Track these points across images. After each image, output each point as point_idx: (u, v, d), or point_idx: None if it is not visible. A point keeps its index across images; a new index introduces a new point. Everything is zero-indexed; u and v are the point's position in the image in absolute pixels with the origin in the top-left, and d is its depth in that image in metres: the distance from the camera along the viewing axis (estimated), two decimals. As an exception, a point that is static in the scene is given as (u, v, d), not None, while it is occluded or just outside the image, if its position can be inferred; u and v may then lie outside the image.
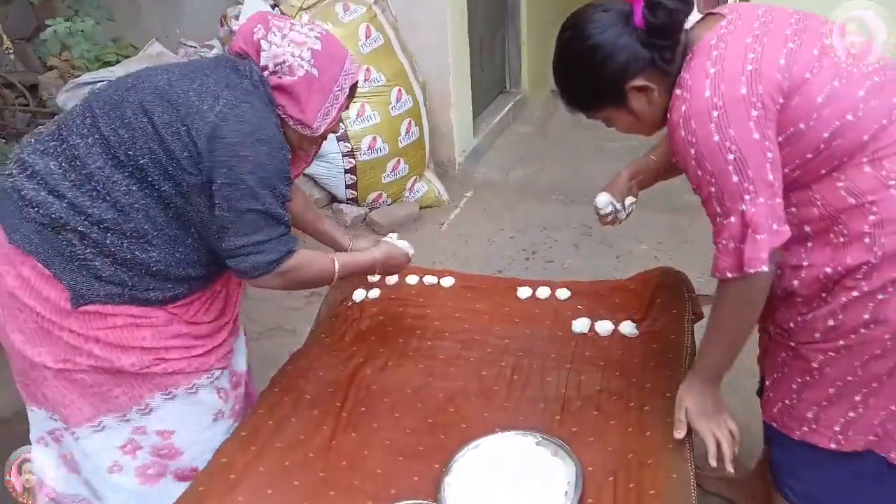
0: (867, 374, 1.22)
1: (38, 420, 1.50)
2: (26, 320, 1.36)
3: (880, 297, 1.16)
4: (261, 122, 1.34)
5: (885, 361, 1.20)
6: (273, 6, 3.23)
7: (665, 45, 1.20)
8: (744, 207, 1.14)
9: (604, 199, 1.62)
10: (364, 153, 3.28)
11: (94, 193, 1.32)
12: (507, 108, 4.41)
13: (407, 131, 3.37)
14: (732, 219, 1.16)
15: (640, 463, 1.27)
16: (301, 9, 3.21)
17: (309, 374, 1.61)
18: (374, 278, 1.84)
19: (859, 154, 1.14)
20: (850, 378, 1.23)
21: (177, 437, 1.48)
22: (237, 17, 3.21)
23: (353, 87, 1.47)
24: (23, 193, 1.33)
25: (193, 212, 1.36)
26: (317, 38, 1.41)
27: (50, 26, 2.54)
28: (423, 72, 3.52)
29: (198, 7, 4.01)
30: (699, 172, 1.17)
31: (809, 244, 1.22)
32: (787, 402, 1.33)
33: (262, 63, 1.38)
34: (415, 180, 3.52)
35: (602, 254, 3.08)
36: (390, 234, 1.75)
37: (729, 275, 1.19)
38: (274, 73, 1.38)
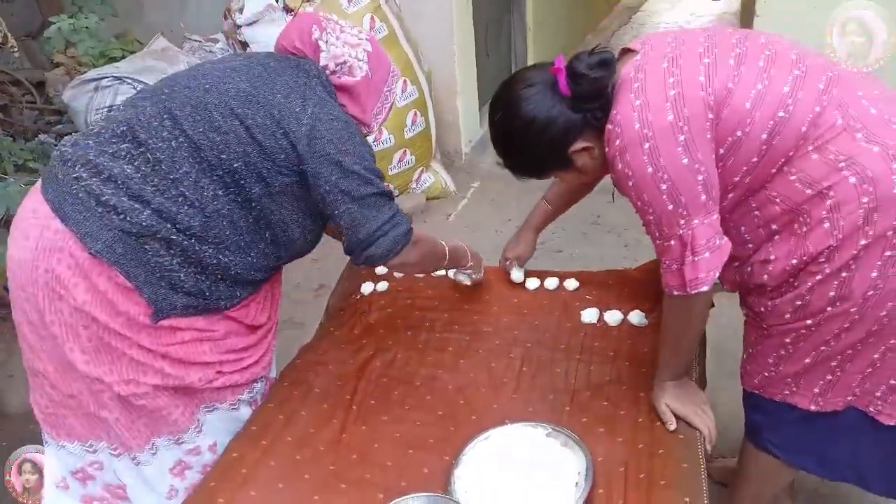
0: (840, 344, 1.26)
1: (67, 457, 1.46)
2: (90, 337, 1.30)
3: (844, 275, 1.19)
4: (346, 116, 1.40)
5: (855, 332, 1.24)
6: (277, -1, 3.22)
7: (594, 107, 1.24)
8: (681, 232, 1.20)
9: (518, 276, 1.84)
10: (371, 144, 3.28)
11: (181, 199, 1.29)
12: (513, 97, 4.39)
13: (413, 122, 3.36)
14: (672, 242, 1.22)
15: (651, 453, 1.27)
16: (305, 1, 3.19)
17: (318, 367, 1.62)
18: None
19: (803, 145, 1.17)
20: (823, 349, 1.28)
21: (218, 449, 1.49)
22: (241, 11, 3.21)
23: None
24: (103, 199, 1.26)
25: (277, 211, 1.38)
26: (367, 40, 1.47)
27: (54, 23, 2.54)
28: (428, 61, 3.50)
29: (200, 2, 4.00)
30: (638, 203, 1.23)
31: (776, 238, 1.26)
32: (765, 374, 1.39)
33: (322, 63, 1.42)
34: (421, 171, 3.51)
35: (610, 243, 3.07)
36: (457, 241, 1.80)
37: (675, 293, 1.26)
38: (334, 72, 1.42)
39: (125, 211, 1.27)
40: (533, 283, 1.83)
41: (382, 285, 1.88)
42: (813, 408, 1.35)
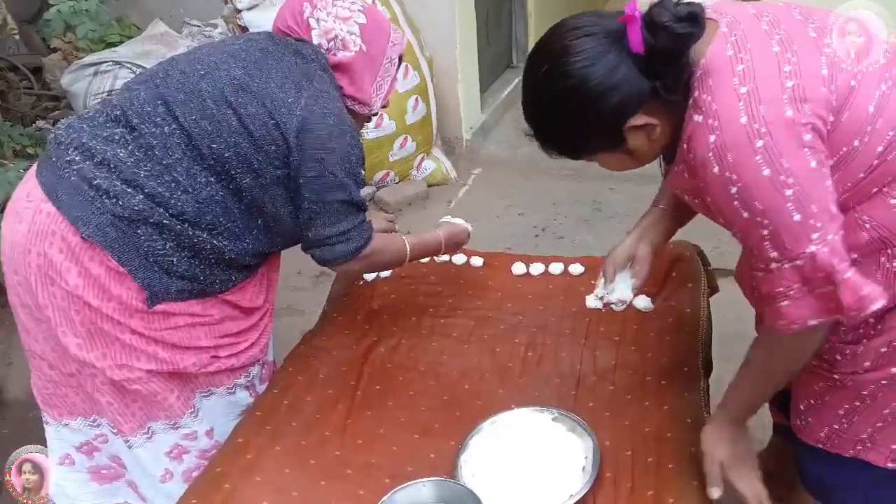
0: None
1: (70, 434, 1.47)
2: (83, 322, 1.30)
3: None
4: (341, 111, 1.36)
5: None
6: (276, -17, 3.18)
7: (670, 72, 0.98)
8: (813, 248, 0.95)
9: (592, 303, 1.42)
10: (370, 131, 3.25)
11: (174, 185, 1.28)
12: (514, 83, 4.36)
13: (414, 108, 3.34)
14: (799, 262, 0.97)
15: (658, 437, 1.26)
16: (304, -15, 3.16)
17: (322, 353, 1.61)
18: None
19: None
20: None
21: (216, 434, 1.49)
22: (240, -5, 3.17)
23: (400, 58, 1.48)
24: (95, 183, 1.25)
25: (269, 202, 1.36)
26: (360, 11, 1.42)
27: (54, 6, 2.51)
28: (430, 47, 3.48)
29: (199, -15, 3.96)
30: (745, 214, 0.96)
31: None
32: (835, 426, 1.18)
33: (316, 41, 1.39)
34: (422, 158, 3.49)
35: (613, 229, 3.06)
36: (446, 217, 1.77)
37: (812, 322, 1.00)
38: (328, 50, 1.39)
39: (117, 195, 1.25)
40: (537, 269, 1.82)
41: (385, 272, 1.87)
42: (890, 465, 1.15)
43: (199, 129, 1.28)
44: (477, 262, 1.88)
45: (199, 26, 3.58)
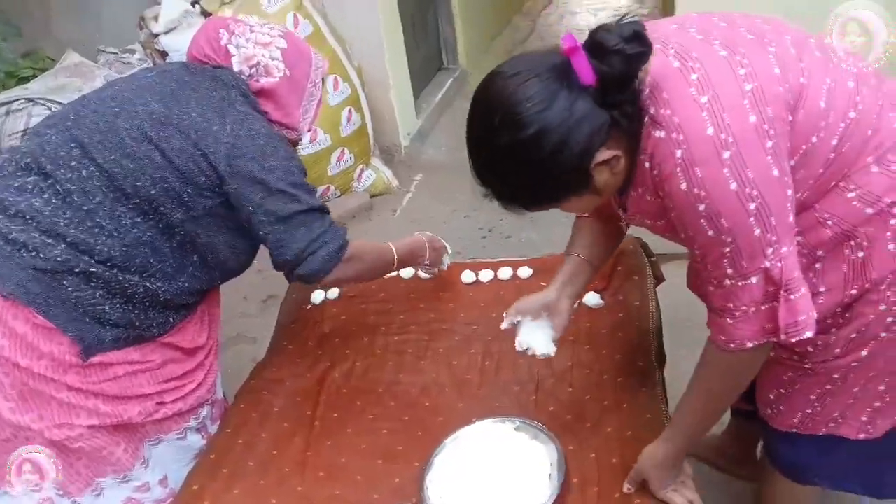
0: (889, 367, 1.11)
1: (12, 502, 1.37)
2: (13, 384, 1.23)
3: None
4: (268, 129, 1.33)
5: None
6: (193, 3, 3.09)
7: (626, 98, 0.92)
8: (767, 264, 0.94)
9: (523, 345, 1.30)
10: (306, 147, 3.19)
11: (98, 230, 1.22)
12: (447, 85, 4.35)
13: (348, 120, 3.29)
14: (753, 280, 0.95)
15: (620, 436, 1.27)
16: (223, 3, 3.08)
17: (275, 385, 1.56)
18: (422, 275, 1.78)
19: (864, 153, 0.99)
20: (872, 374, 1.12)
21: (169, 482, 1.43)
22: (156, 19, 3.06)
23: (323, 80, 1.45)
24: (11, 237, 1.19)
25: (203, 234, 1.31)
26: (280, 36, 1.39)
27: (-48, 46, 2.38)
28: (357, 56, 3.43)
29: (113, 11, 3.81)
30: (710, 232, 0.93)
31: (818, 266, 1.05)
32: (808, 411, 1.19)
33: (236, 68, 1.35)
34: (362, 169, 3.45)
35: (558, 223, 3.04)
36: (418, 233, 1.73)
37: (749, 345, 0.99)
38: (251, 76, 1.35)
39: (37, 247, 1.19)
40: (487, 275, 1.81)
41: (333, 292, 1.83)
42: (862, 436, 1.17)
43: (120, 168, 1.23)
44: (423, 274, 1.85)
45: (115, 53, 3.44)
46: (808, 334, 0.96)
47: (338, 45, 3.29)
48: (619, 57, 0.89)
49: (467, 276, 1.81)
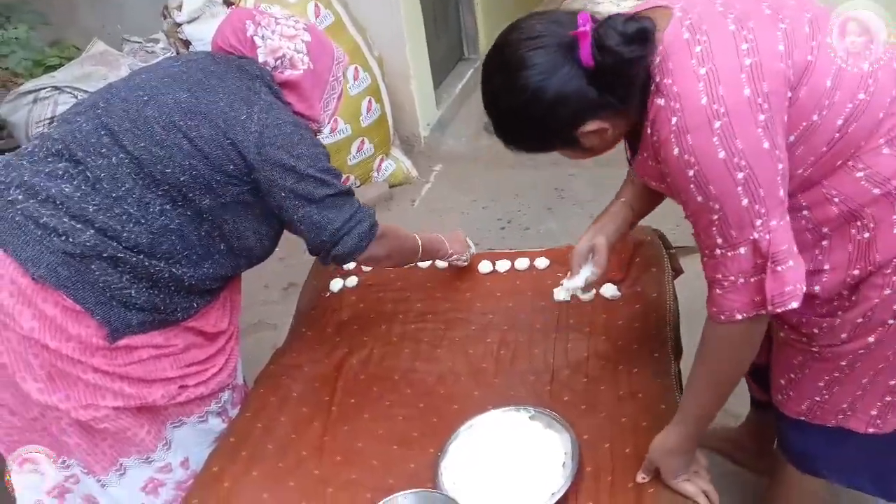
0: None
1: (41, 480, 1.40)
2: (42, 365, 1.25)
3: None
4: (293, 118, 1.35)
5: None
6: (216, -7, 3.11)
7: (620, 86, 0.99)
8: (755, 235, 0.97)
9: (561, 295, 1.42)
10: (327, 136, 3.21)
11: (126, 217, 1.25)
12: (467, 76, 4.34)
13: (368, 110, 3.31)
14: (742, 250, 0.98)
15: (634, 427, 1.27)
16: (245, -7, 3.10)
17: (293, 371, 1.58)
18: (440, 264, 1.79)
19: (875, 135, 1.00)
20: (882, 366, 1.12)
21: (191, 463, 1.46)
22: (179, 8, 3.09)
23: (343, 74, 1.48)
24: (42, 222, 1.21)
25: (230, 221, 1.34)
26: (305, 29, 1.41)
27: (-18, 35, 2.42)
28: (378, 46, 3.44)
29: (137, 1, 3.86)
30: (699, 198, 0.98)
31: (825, 244, 1.07)
32: (816, 398, 1.20)
33: (261, 59, 1.37)
34: (381, 159, 3.46)
35: (576, 215, 3.07)
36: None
37: (738, 316, 1.02)
38: (275, 68, 1.37)
39: (66, 232, 1.22)
40: (504, 265, 1.81)
41: (352, 280, 1.85)
42: (871, 431, 1.18)
43: (149, 155, 1.25)
44: (442, 263, 1.86)
45: (140, 42, 3.48)
46: (794, 304, 0.98)
47: (359, 35, 3.30)
48: (614, 57, 0.96)
49: (484, 266, 1.82)
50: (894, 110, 1.00)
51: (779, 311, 0.99)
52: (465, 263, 1.77)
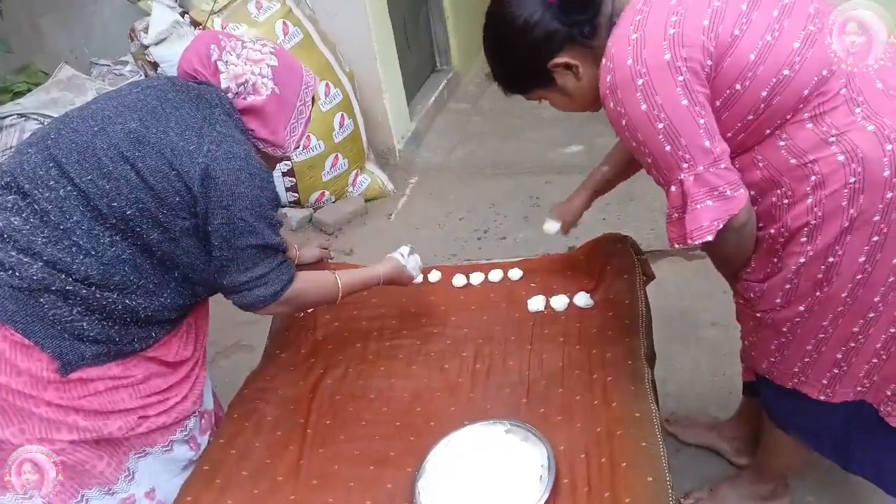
0: (840, 333, 1.21)
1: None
2: None
3: (830, 259, 1.14)
4: (248, 154, 1.31)
5: (851, 318, 1.19)
6: (182, 14, 3.10)
7: (582, 19, 1.16)
8: (682, 176, 1.11)
9: (552, 228, 1.66)
10: (300, 153, 3.20)
11: (75, 249, 1.22)
12: (440, 88, 4.35)
13: (340, 125, 3.30)
14: (673, 188, 1.13)
15: (610, 435, 1.27)
16: (213, 12, 3.08)
17: (267, 394, 1.56)
18: (417, 278, 1.75)
19: (802, 110, 1.09)
20: (822, 336, 1.23)
21: (158, 493, 1.43)
22: (146, 30, 3.07)
23: (313, 98, 1.46)
24: None
25: (182, 254, 1.31)
26: (271, 53, 1.39)
27: (-56, 64, 2.38)
28: (349, 61, 3.44)
29: (104, 23, 3.83)
30: (633, 143, 1.14)
31: (756, 208, 1.19)
32: (771, 359, 1.34)
33: (224, 85, 1.35)
34: (356, 174, 3.45)
35: (552, 223, 3.08)
36: (402, 248, 1.67)
37: (675, 245, 1.18)
38: (237, 94, 1.35)
39: (13, 266, 1.20)
40: (477, 278, 1.81)
41: (326, 299, 1.83)
42: (822, 398, 1.30)
43: (96, 188, 1.23)
44: (418, 277, 1.86)
45: (108, 65, 3.46)
46: (709, 238, 1.11)
47: (328, 50, 3.29)
48: None
49: (458, 280, 1.81)
50: (823, 89, 1.08)
51: (696, 242, 1.13)
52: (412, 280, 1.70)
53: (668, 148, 1.10)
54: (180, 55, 1.43)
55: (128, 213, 1.24)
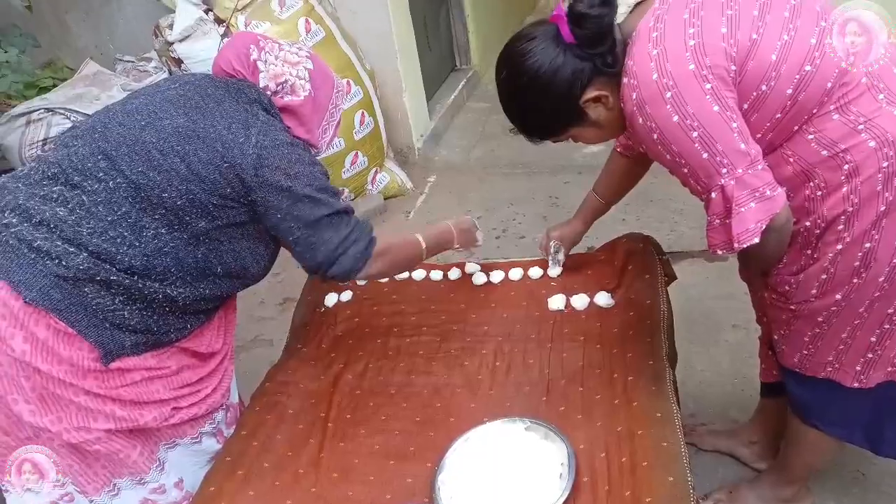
0: (875, 317, 1.23)
1: (35, 498, 1.38)
2: (34, 387, 1.25)
3: (867, 245, 1.16)
4: (290, 138, 1.35)
5: (888, 301, 1.21)
6: (206, 11, 3.13)
7: (602, 50, 1.17)
8: (722, 181, 1.11)
9: (555, 273, 1.76)
10: (321, 151, 3.21)
11: (120, 240, 1.25)
12: (460, 86, 4.36)
13: (361, 123, 3.32)
14: (713, 195, 1.13)
15: (630, 435, 1.27)
16: (236, 10, 3.11)
17: (289, 387, 1.58)
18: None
19: (827, 103, 1.11)
20: (857, 322, 1.25)
21: (185, 484, 1.46)
22: (170, 27, 3.11)
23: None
24: (35, 245, 1.21)
25: (227, 242, 1.34)
26: (308, 57, 1.42)
27: (-27, 60, 2.43)
28: (370, 59, 3.45)
29: (129, 20, 3.88)
30: (668, 156, 1.14)
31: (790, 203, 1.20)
32: (804, 352, 1.35)
33: (262, 84, 1.38)
34: (376, 172, 3.47)
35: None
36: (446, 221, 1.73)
37: (719, 252, 1.17)
38: (276, 93, 1.38)
39: (59, 255, 1.22)
40: (497, 276, 1.81)
41: (346, 295, 1.85)
42: (856, 385, 1.33)
43: (147, 180, 1.25)
44: (437, 275, 1.87)
45: (132, 62, 3.50)
46: (755, 240, 1.12)
47: (350, 48, 3.31)
48: (588, 20, 1.15)
49: (479, 278, 1.82)
50: (845, 80, 1.10)
51: (745, 246, 1.12)
52: (476, 247, 1.79)
53: (705, 156, 1.10)
54: (218, 53, 1.46)
55: (178, 203, 1.26)
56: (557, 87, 1.19)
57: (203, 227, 1.29)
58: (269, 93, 1.38)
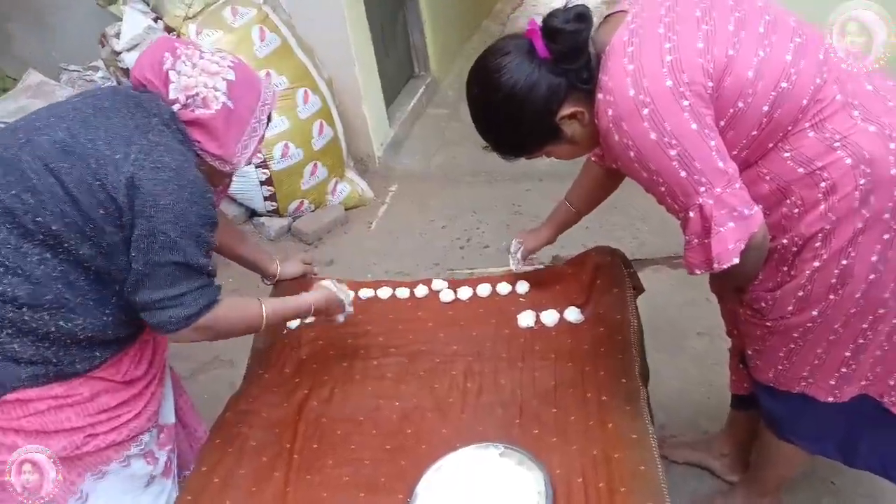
0: (850, 332, 1.23)
1: None
2: None
3: (844, 262, 1.15)
4: (180, 165, 1.22)
5: (862, 317, 1.21)
6: (156, 19, 3.02)
7: (578, 66, 1.15)
8: (700, 200, 1.09)
9: (515, 266, 1.73)
10: (278, 161, 3.14)
11: (2, 269, 1.16)
12: (419, 93, 4.32)
13: (319, 133, 3.25)
14: (691, 214, 1.11)
15: (607, 459, 1.24)
16: (187, 18, 3.01)
17: (250, 417, 1.51)
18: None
19: (802, 120, 1.11)
20: (832, 338, 1.25)
21: None
22: (117, 36, 2.99)
23: (269, 116, 1.38)
24: None
25: (116, 271, 1.23)
26: (230, 67, 1.30)
27: None
28: (327, 67, 3.38)
29: (75, 28, 3.71)
30: (644, 174, 1.12)
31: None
32: (779, 367, 1.34)
33: (172, 96, 1.27)
34: (336, 182, 3.40)
35: (535, 230, 3.06)
36: (326, 281, 1.61)
37: (697, 272, 1.15)
38: (185, 106, 1.27)
39: None
40: (465, 292, 1.77)
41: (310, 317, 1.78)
42: (830, 399, 1.33)
43: (20, 203, 1.16)
44: (403, 293, 1.82)
45: (78, 71, 3.36)
46: (735, 261, 1.10)
47: (306, 57, 3.24)
48: (563, 35, 1.12)
49: (446, 295, 1.78)
50: (819, 97, 1.10)
51: (724, 266, 1.10)
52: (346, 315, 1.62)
53: (683, 174, 1.08)
54: (135, 61, 1.37)
55: (54, 228, 1.18)
56: (533, 103, 1.16)
57: (87, 253, 1.20)
58: (177, 105, 1.27)
